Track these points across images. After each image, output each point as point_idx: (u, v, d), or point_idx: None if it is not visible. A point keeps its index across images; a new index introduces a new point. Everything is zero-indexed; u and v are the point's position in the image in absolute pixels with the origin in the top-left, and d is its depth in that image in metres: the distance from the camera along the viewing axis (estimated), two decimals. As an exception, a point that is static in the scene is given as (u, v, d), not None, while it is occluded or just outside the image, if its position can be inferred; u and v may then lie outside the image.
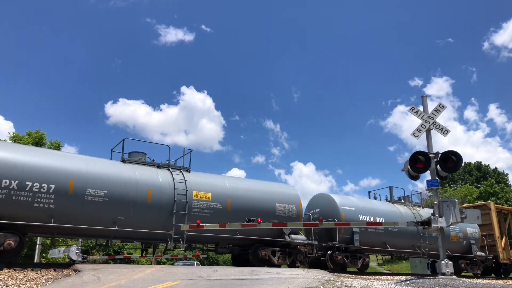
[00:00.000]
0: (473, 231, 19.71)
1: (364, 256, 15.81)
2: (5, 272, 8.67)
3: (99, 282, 7.70)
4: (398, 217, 16.69)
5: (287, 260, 13.78)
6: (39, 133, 25.73)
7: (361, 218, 15.64)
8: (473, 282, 9.15)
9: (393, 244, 16.59)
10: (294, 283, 7.95)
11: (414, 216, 17.29)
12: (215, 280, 8.19)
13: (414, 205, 18.87)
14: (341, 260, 14.87)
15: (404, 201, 18.62)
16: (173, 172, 12.78)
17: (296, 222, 14.02)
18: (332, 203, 15.77)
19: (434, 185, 10.76)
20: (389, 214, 16.79)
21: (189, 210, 12.30)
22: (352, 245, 15.17)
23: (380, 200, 18.15)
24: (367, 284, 8.42)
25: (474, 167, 65.57)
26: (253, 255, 13.35)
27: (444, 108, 11.74)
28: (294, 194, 14.88)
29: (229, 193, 13.26)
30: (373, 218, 16.02)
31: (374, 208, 16.68)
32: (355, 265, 15.38)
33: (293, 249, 14.04)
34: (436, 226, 10.27)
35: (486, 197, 47.38)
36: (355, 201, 16.48)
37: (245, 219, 13.10)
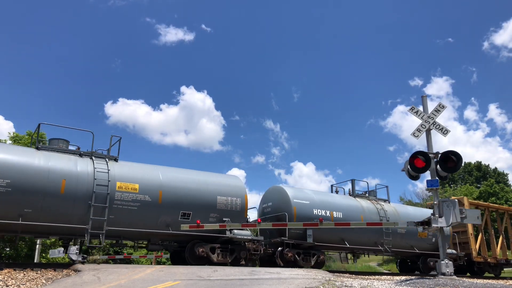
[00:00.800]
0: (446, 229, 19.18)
1: (319, 253, 14.91)
2: (5, 272, 8.67)
3: (99, 282, 7.70)
4: (359, 212, 16.05)
5: (229, 258, 12.88)
6: (39, 133, 25.69)
7: (315, 212, 14.80)
8: (473, 282, 9.15)
9: (353, 241, 15.65)
10: (294, 283, 7.95)
11: (377, 211, 16.62)
12: (215, 280, 8.19)
13: (379, 199, 17.94)
14: (292, 257, 14.07)
15: (368, 196, 17.80)
16: (96, 161, 11.68)
17: (241, 215, 13.24)
18: (284, 196, 14.84)
19: (434, 185, 10.75)
20: (349, 208, 16.00)
21: (111, 202, 11.21)
22: (305, 241, 14.31)
23: (343, 194, 17.39)
24: (367, 284, 8.42)
25: (474, 167, 65.58)
26: (189, 252, 12.47)
27: (444, 108, 11.74)
28: (238, 186, 13.76)
29: (160, 184, 12.14)
30: (330, 212, 15.22)
31: (332, 202, 15.82)
32: (307, 262, 14.48)
33: (237, 245, 13.16)
34: (436, 226, 10.26)
35: (486, 197, 47.37)
36: (311, 195, 15.46)
37: (179, 213, 12.22)
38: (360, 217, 15.83)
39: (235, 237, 12.89)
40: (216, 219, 12.80)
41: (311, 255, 14.66)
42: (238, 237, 12.95)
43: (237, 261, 13.08)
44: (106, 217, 11.05)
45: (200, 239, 12.64)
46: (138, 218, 11.63)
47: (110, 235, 11.55)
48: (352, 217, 15.57)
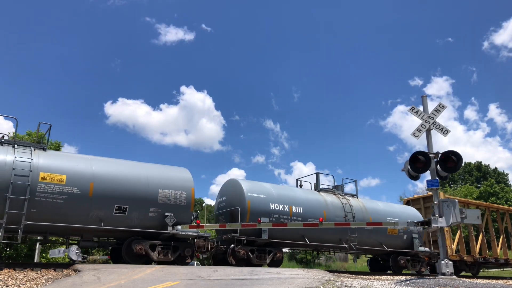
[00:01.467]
0: None
1: (276, 250, 14.06)
2: (5, 272, 8.67)
3: (99, 282, 7.70)
4: (322, 207, 15.30)
5: (171, 256, 12.02)
6: (39, 133, 25.72)
7: (272, 207, 14.00)
8: (473, 282, 9.15)
9: (315, 238, 14.86)
10: (294, 283, 7.95)
11: (342, 206, 15.89)
12: (215, 280, 8.19)
13: (347, 194, 17.15)
14: (244, 255, 13.23)
15: (334, 190, 16.96)
16: (18, 150, 10.81)
17: (186, 210, 12.34)
18: (238, 190, 13.98)
19: (434, 185, 10.75)
20: (310, 203, 15.15)
21: (32, 194, 10.32)
22: (259, 238, 13.48)
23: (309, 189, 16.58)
24: (367, 284, 8.42)
25: (474, 167, 65.61)
26: (126, 250, 11.61)
27: (444, 108, 11.74)
28: (184, 178, 12.77)
29: (92, 176, 11.20)
30: (289, 207, 14.41)
31: (292, 196, 14.96)
32: (262, 260, 13.70)
33: (181, 242, 12.33)
34: (436, 226, 10.26)
35: (486, 197, 47.39)
36: (269, 189, 14.62)
37: (114, 207, 11.30)
38: (323, 213, 15.14)
39: (178, 234, 11.94)
40: (157, 214, 11.86)
41: (267, 252, 13.84)
42: (182, 234, 12.00)
43: (181, 259, 12.31)
44: (25, 210, 10.17)
45: (140, 236, 11.81)
46: (66, 212, 10.74)
47: (33, 230, 10.84)
48: (313, 212, 14.83)
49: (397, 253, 17.07)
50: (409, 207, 19.21)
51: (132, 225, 11.60)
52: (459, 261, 18.84)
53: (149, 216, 11.79)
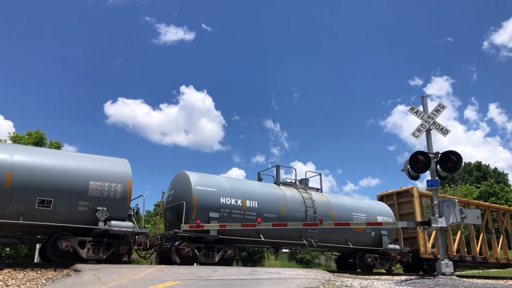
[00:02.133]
0: (385, 221, 16.89)
1: (226, 247, 13.11)
2: (5, 272, 8.68)
3: (99, 282, 7.70)
4: (280, 201, 14.48)
5: (103, 254, 11.02)
6: (39, 133, 25.78)
7: (223, 201, 13.12)
8: (473, 282, 9.16)
9: (271, 234, 13.97)
10: (294, 283, 7.96)
11: (303, 201, 15.00)
12: (215, 280, 8.19)
13: (310, 188, 16.25)
14: (189, 253, 12.41)
15: (296, 184, 16.03)
16: None
17: (122, 204, 11.35)
18: (186, 182, 13.10)
19: (434, 185, 10.77)
20: (267, 197, 14.28)
21: None
22: (207, 235, 12.68)
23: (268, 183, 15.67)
24: (367, 284, 8.43)
25: (474, 167, 65.66)
26: (51, 247, 10.78)
27: (444, 108, 11.75)
28: (121, 170, 11.76)
29: (10, 166, 10.39)
30: (242, 201, 13.50)
31: (247, 189, 14.05)
32: (210, 258, 12.77)
33: (116, 239, 11.36)
34: (436, 226, 10.27)
35: (486, 197, 47.41)
36: (221, 181, 13.72)
37: (36, 200, 10.42)
38: (281, 207, 14.36)
39: (111, 229, 10.97)
40: (87, 208, 10.93)
41: (216, 250, 12.95)
42: (115, 229, 11.00)
43: (116, 257, 11.36)
44: None
45: (70, 231, 10.88)
46: None
47: None
48: (269, 207, 14.08)
49: (365, 251, 16.16)
50: (379, 203, 18.37)
51: (59, 220, 10.65)
52: (432, 260, 17.96)
53: (78, 210, 10.84)
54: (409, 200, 18.55)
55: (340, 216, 15.64)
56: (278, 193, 14.83)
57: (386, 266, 16.55)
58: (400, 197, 19.19)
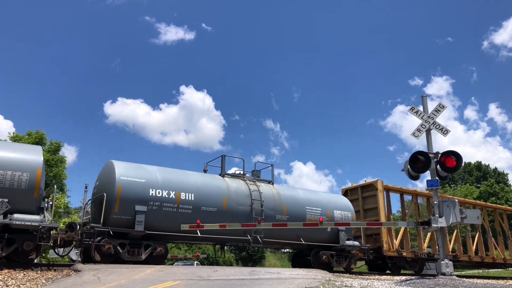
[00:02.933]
0: (344, 215, 15.90)
1: (156, 244, 11.96)
2: (5, 272, 8.68)
3: (99, 282, 7.70)
4: (222, 194, 13.34)
5: (2, 251, 9.82)
6: (39, 133, 25.78)
7: (152, 193, 11.97)
8: (473, 282, 9.15)
9: (210, 230, 12.57)
10: (294, 283, 7.95)
11: (249, 194, 13.93)
12: (215, 280, 8.19)
13: (261, 180, 15.18)
14: (110, 250, 11.17)
15: (243, 176, 14.94)
16: None
17: (29, 195, 10.09)
18: (110, 172, 11.95)
19: (434, 185, 10.76)
20: (207, 189, 13.13)
21: None
22: (132, 230, 11.49)
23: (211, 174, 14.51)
24: (367, 284, 8.42)
25: (474, 167, 65.65)
26: None
27: (444, 108, 11.74)
28: (28, 157, 10.42)
29: None
30: (176, 193, 12.39)
31: (182, 181, 12.86)
32: (135, 256, 11.59)
33: (19, 234, 10.05)
34: (436, 226, 10.27)
35: (486, 197, 47.41)
36: (152, 172, 12.56)
37: None
38: (223, 200, 13.25)
39: (12, 223, 9.71)
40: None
41: (143, 247, 11.74)
42: (16, 223, 9.71)
43: (19, 254, 10.12)
44: None
45: None
46: None
47: None
48: (209, 200, 12.97)
49: (321, 248, 15.07)
50: (339, 196, 17.43)
51: None
52: (397, 257, 17.09)
53: None
54: (374, 194, 17.62)
55: (291, 209, 14.67)
56: (220, 185, 13.67)
57: (344, 264, 15.43)
58: (365, 191, 18.25)
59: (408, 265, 17.73)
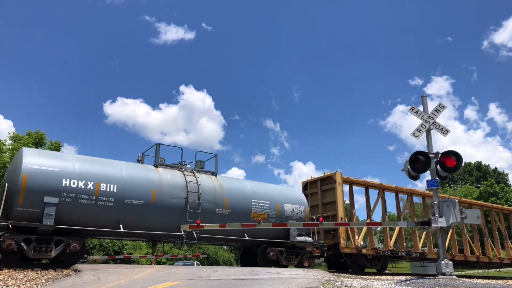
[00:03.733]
0: (295, 209, 14.72)
1: (69, 240, 10.62)
2: (5, 272, 8.68)
3: (99, 282, 7.70)
4: (151, 185, 12.15)
5: None
6: (39, 133, 25.80)
7: (66, 183, 10.81)
8: (473, 282, 9.15)
9: (138, 224, 11.78)
10: (294, 283, 7.95)
11: (185, 185, 12.74)
12: (215, 280, 8.19)
13: (202, 171, 14.02)
14: (12, 246, 9.89)
15: (181, 166, 13.65)
16: None
17: None
18: (18, 160, 10.93)
19: (434, 185, 10.76)
20: (132, 180, 11.90)
21: None
22: (40, 224, 10.21)
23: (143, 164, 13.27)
24: (367, 284, 8.42)
25: (474, 167, 65.66)
26: None
27: (444, 108, 11.74)
28: None
29: None
30: (95, 184, 11.23)
31: (103, 171, 11.69)
32: (43, 253, 10.36)
33: None
34: (436, 226, 10.27)
35: (486, 197, 47.41)
36: (67, 160, 11.45)
37: None
38: (152, 192, 12.12)
39: None
40: None
41: (54, 243, 10.50)
42: None
43: None
44: None
45: None
46: None
47: None
48: (134, 192, 11.79)
49: (269, 244, 13.97)
50: (292, 189, 16.27)
51: None
52: (356, 255, 15.96)
53: None
54: (333, 187, 16.56)
55: (234, 203, 13.57)
56: (151, 175, 12.46)
57: (294, 261, 14.36)
58: (324, 183, 17.12)
59: (369, 263, 16.66)
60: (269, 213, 14.11)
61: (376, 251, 16.50)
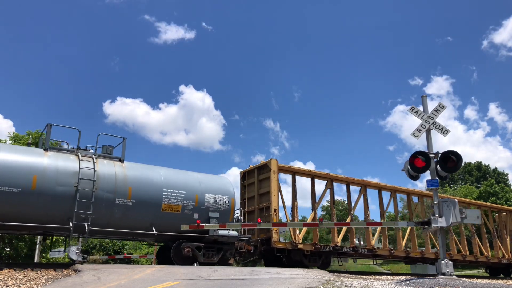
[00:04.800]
0: (218, 200, 13.23)
1: None
2: (5, 272, 8.68)
3: (99, 282, 7.70)
4: (31, 172, 10.59)
5: None
6: (39, 133, 25.79)
7: None
8: (473, 282, 9.16)
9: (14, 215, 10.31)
10: (294, 283, 7.95)
11: (77, 173, 11.17)
12: (215, 280, 8.19)
13: (103, 157, 12.37)
14: None
15: (78, 151, 12.07)
16: None
17: None
18: None
19: (434, 185, 10.76)
20: (7, 165, 10.36)
21: None
22: None
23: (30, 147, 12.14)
24: (367, 284, 8.42)
25: (474, 167, 65.65)
26: None
27: (444, 108, 11.74)
28: None
29: None
30: None
31: None
32: None
33: None
34: (436, 226, 10.27)
35: (486, 197, 47.41)
36: None
37: None
38: (32, 179, 10.56)
39: None
40: None
41: None
42: None
43: None
44: None
45: None
46: None
47: None
48: (9, 178, 10.27)
49: (186, 239, 12.61)
50: (217, 178, 14.33)
51: None
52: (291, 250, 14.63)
53: None
54: (266, 177, 15.42)
55: (140, 192, 12.04)
56: (34, 160, 10.90)
57: (215, 258, 12.85)
58: (262, 172, 15.77)
59: (307, 260, 15.25)
60: (184, 204, 12.49)
61: (316, 247, 15.24)
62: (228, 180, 14.39)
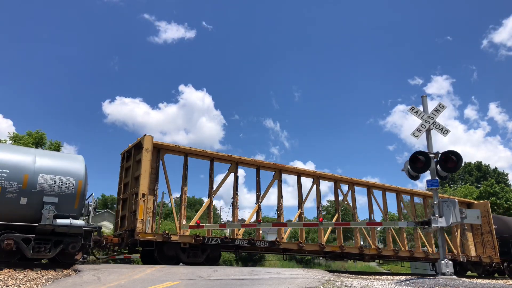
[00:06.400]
0: (59, 181, 10.52)
1: None
2: (5, 272, 8.68)
3: (99, 282, 7.70)
4: None
5: None
6: (39, 133, 25.79)
7: None
8: (473, 282, 9.16)
9: None
10: (294, 283, 7.95)
11: None
12: (215, 280, 8.19)
13: None
14: None
15: None
16: None
17: None
18: None
19: (434, 185, 10.76)
20: None
21: None
22: None
23: None
24: (367, 284, 8.42)
25: (474, 167, 65.63)
26: None
27: (444, 108, 11.75)
28: None
29: None
30: None
31: None
32: None
33: None
34: (436, 226, 10.27)
35: (486, 197, 47.37)
36: None
37: None
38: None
39: None
40: None
41: None
42: None
43: None
44: None
45: None
46: None
47: None
48: None
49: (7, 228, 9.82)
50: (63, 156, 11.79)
51: None
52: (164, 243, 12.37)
53: None
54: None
55: None
56: None
57: (50, 252, 10.06)
58: (138, 152, 13.23)
59: (186, 255, 12.88)
60: (5, 186, 9.87)
61: (196, 239, 12.78)
62: (79, 159, 11.57)
